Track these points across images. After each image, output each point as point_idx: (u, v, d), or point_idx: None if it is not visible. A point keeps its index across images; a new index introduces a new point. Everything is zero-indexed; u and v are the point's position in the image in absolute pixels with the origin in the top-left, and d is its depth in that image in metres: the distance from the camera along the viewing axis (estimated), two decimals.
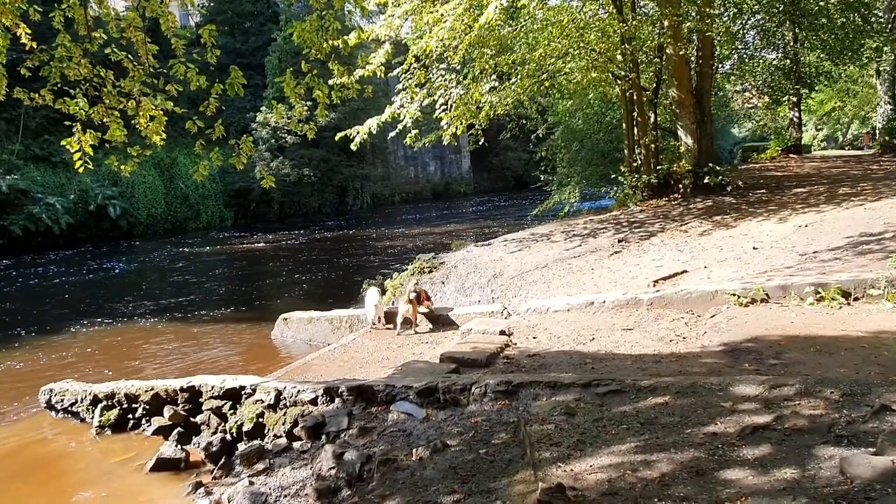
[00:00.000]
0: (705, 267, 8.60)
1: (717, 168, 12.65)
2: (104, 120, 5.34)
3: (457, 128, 11.12)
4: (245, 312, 13.51)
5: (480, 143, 12.41)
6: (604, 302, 7.69)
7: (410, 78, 10.67)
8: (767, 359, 5.12)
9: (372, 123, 10.41)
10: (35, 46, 5.35)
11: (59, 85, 5.33)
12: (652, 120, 13.36)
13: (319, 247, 23.98)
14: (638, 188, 13.22)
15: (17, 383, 9.42)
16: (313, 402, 5.58)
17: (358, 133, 10.34)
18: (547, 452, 3.48)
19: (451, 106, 10.57)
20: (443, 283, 10.83)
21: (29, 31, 5.51)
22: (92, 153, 5.82)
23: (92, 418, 6.98)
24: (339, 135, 10.32)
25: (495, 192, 47.17)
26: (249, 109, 33.36)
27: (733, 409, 3.63)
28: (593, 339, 6.67)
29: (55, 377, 8.68)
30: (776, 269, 7.75)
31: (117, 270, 20.88)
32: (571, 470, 3.19)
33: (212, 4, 39.32)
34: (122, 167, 5.75)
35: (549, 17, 10.62)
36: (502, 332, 7.23)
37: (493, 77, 11.12)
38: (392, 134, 11.07)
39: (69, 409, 7.26)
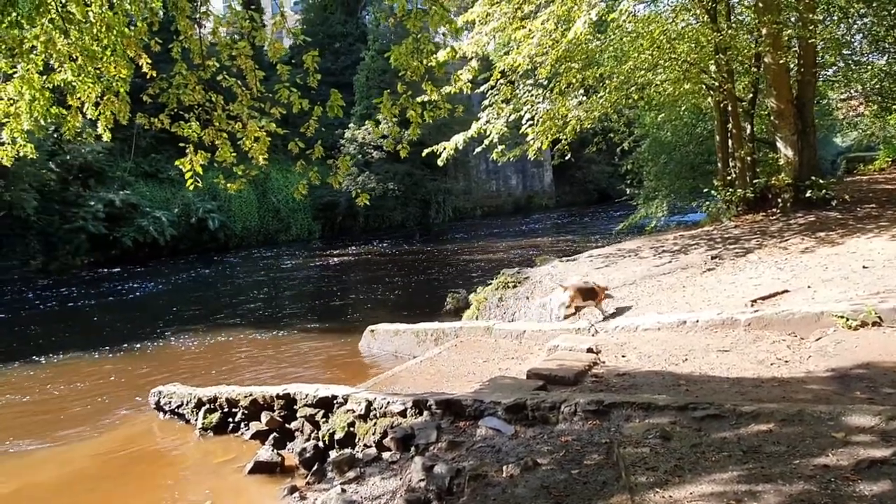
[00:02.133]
0: (808, 286, 8.12)
1: (821, 181, 11.95)
2: (215, 141, 5.70)
3: (542, 142, 11.10)
4: (334, 323, 13.95)
5: (567, 156, 12.32)
6: (697, 321, 7.42)
7: (497, 94, 10.76)
8: (882, 387, 4.78)
9: (458, 139, 10.56)
10: (155, 75, 5.82)
11: (176, 109, 5.75)
12: (748, 131, 12.79)
13: (403, 260, 24.43)
14: (732, 202, 12.67)
15: (129, 385, 10.13)
16: (402, 413, 5.68)
17: (445, 149, 10.52)
18: (643, 477, 3.40)
19: (538, 121, 10.57)
20: (527, 298, 10.78)
21: (150, 61, 6.01)
22: (201, 171, 6.26)
23: (196, 420, 7.41)
24: (425, 151, 10.55)
25: (578, 206, 46.48)
26: (338, 126, 34.57)
27: (846, 441, 3.42)
28: (686, 359, 6.45)
29: (161, 381, 9.29)
30: (890, 291, 7.21)
31: (214, 280, 22.06)
32: (670, 496, 3.10)
33: (304, 27, 41.24)
34: (230, 186, 6.11)
35: (639, 29, 10.45)
36: (589, 350, 7.10)
37: (581, 91, 11.04)
38: (478, 149, 11.18)
39: (176, 410, 7.74)
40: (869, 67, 17.04)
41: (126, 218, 27.98)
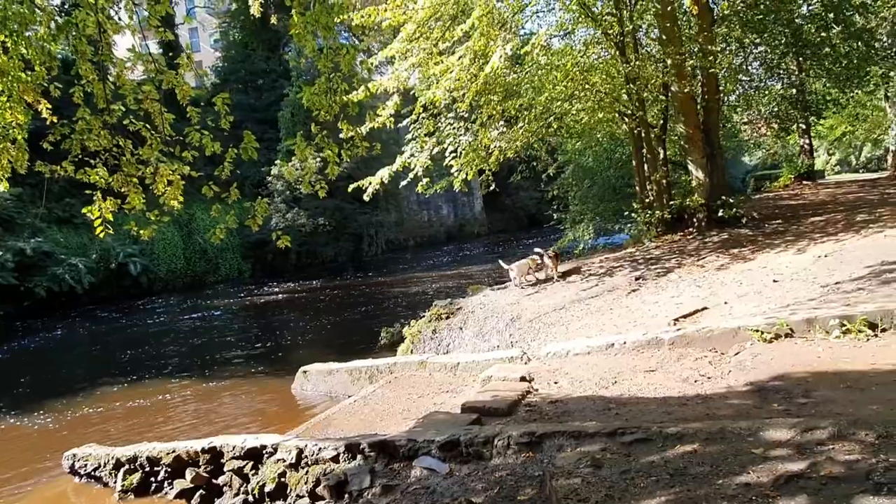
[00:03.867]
0: (725, 302, 8.49)
1: (731, 200, 12.61)
2: (123, 189, 5.46)
3: (467, 173, 11.25)
4: (265, 366, 13.50)
5: (492, 187, 12.53)
6: (624, 343, 7.60)
7: (420, 127, 10.86)
8: (796, 397, 5.00)
9: (384, 173, 10.56)
10: (55, 121, 5.54)
11: (80, 156, 5.48)
12: (662, 155, 13.40)
13: (337, 295, 24.05)
14: (652, 224, 13.19)
15: (40, 447, 9.43)
16: (335, 459, 5.51)
17: (370, 184, 10.49)
18: None
19: (461, 153, 10.73)
20: (460, 328, 10.79)
21: (49, 107, 5.72)
22: (112, 217, 5.98)
23: (114, 483, 6.95)
24: (351, 186, 10.49)
25: (509, 232, 47.23)
26: (264, 163, 33.98)
27: (765, 457, 3.53)
28: (615, 382, 6.57)
29: (77, 442, 8.68)
30: (799, 302, 7.63)
31: (137, 328, 21.03)
32: None
33: (226, 65, 40.63)
34: (142, 232, 5.86)
35: (553, 61, 10.82)
36: (523, 378, 7.14)
37: (501, 122, 11.30)
38: (404, 182, 11.21)
39: (92, 473, 7.24)
40: (767, 92, 18.26)
41: (39, 266, 26.36)
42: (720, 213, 12.42)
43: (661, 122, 13.50)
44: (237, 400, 11.00)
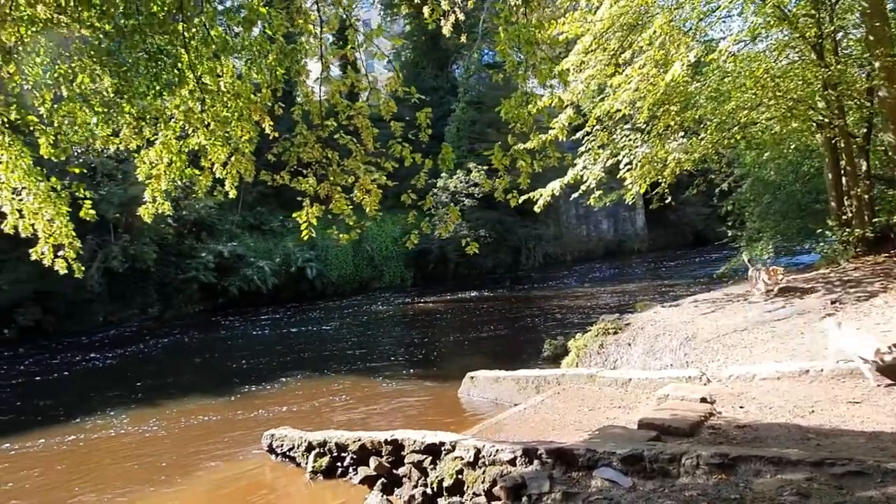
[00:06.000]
0: None
1: None
2: (330, 194, 6.07)
3: (640, 186, 10.96)
4: (431, 369, 14.08)
5: (667, 200, 12.06)
6: (821, 370, 6.97)
7: (593, 139, 10.77)
8: None
9: (555, 185, 10.61)
10: (277, 136, 6.30)
11: (295, 166, 6.18)
12: (864, 168, 12.07)
13: (496, 306, 24.40)
14: (850, 243, 11.90)
15: (241, 427, 10.60)
16: (512, 462, 5.64)
17: (541, 196, 10.58)
18: None
19: (637, 164, 10.47)
20: (629, 344, 10.50)
21: (272, 123, 6.53)
22: (316, 222, 6.66)
23: (306, 463, 7.64)
24: (522, 197, 10.61)
25: (672, 249, 44.88)
26: (431, 176, 35.42)
27: None
28: (813, 411, 6.06)
29: (270, 424, 9.66)
30: None
31: (313, 327, 22.85)
32: None
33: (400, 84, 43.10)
34: (342, 236, 6.46)
35: (740, 68, 10.22)
36: (703, 400, 6.82)
37: (680, 133, 10.86)
38: (575, 195, 11.17)
39: (287, 453, 8.02)
40: None
41: (233, 268, 29.68)
42: None
43: (864, 131, 12.17)
44: (407, 398, 11.57)
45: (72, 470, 9.18)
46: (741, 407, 6.53)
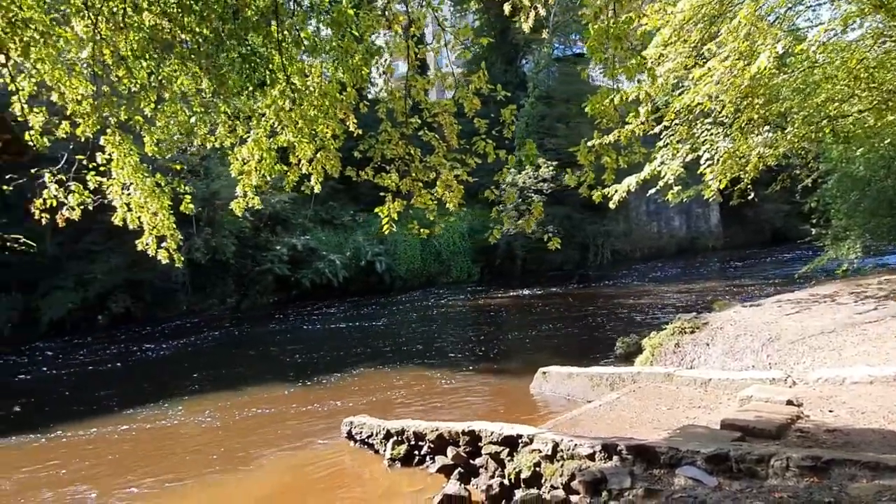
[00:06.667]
0: None
1: None
2: (411, 190, 6.24)
3: (721, 181, 10.63)
4: (501, 363, 14.16)
5: (750, 196, 11.65)
6: None
7: (672, 134, 10.53)
8: None
9: (631, 181, 10.44)
10: (361, 133, 6.52)
11: (378, 163, 6.38)
12: None
13: (564, 302, 24.20)
14: None
15: (316, 416, 10.97)
16: (590, 457, 5.66)
17: (616, 191, 10.43)
18: None
19: (718, 160, 10.17)
20: (707, 344, 10.26)
21: (355, 121, 6.76)
22: (396, 217, 6.86)
23: (384, 450, 7.88)
24: (596, 193, 10.52)
25: (748, 247, 43.16)
26: (496, 171, 35.44)
27: None
28: None
29: (345, 412, 9.99)
30: None
31: (384, 319, 23.32)
32: None
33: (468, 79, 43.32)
34: (422, 231, 6.64)
35: (830, 59, 9.75)
36: (789, 402, 6.62)
37: (766, 127, 10.46)
38: (652, 191, 10.95)
39: (365, 440, 8.29)
40: None
41: (306, 261, 30.60)
42: None
43: None
44: (478, 391, 11.71)
45: (151, 453, 9.69)
46: (830, 411, 6.31)
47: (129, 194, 6.37)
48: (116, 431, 10.71)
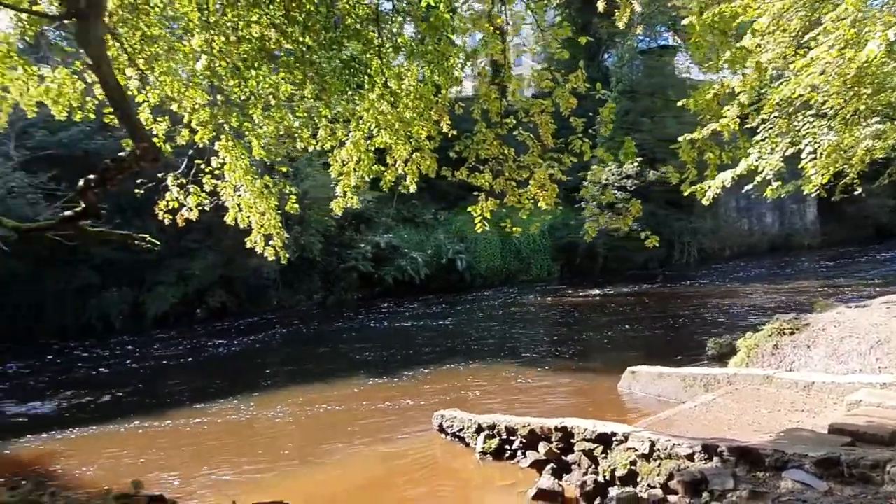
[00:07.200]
0: None
1: None
2: (504, 189, 6.35)
3: (823, 176, 10.11)
4: (586, 361, 14.06)
5: (857, 191, 11.04)
6: None
7: (770, 127, 10.09)
8: None
9: (726, 177, 10.07)
10: (455, 134, 6.69)
11: (473, 163, 6.52)
12: None
13: (648, 302, 23.65)
14: None
15: (404, 409, 11.26)
16: (689, 457, 5.59)
17: (710, 187, 10.12)
18: None
19: (821, 154, 9.67)
20: (808, 346, 9.83)
21: (449, 122, 6.92)
22: (489, 215, 6.99)
23: (475, 444, 8.04)
24: (688, 189, 10.24)
25: (848, 245, 40.49)
26: (579, 169, 34.92)
27: None
28: None
29: (434, 406, 10.18)
30: None
31: (466, 316, 23.53)
32: None
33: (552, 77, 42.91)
34: (515, 229, 6.75)
35: None
36: None
37: (874, 118, 9.86)
38: (748, 187, 10.55)
39: (457, 433, 8.47)
40: None
41: (388, 258, 31.32)
42: None
43: None
44: (565, 388, 11.71)
45: (251, 441, 10.24)
46: None
47: (240, 195, 6.81)
48: (189, 424, 11.19)
